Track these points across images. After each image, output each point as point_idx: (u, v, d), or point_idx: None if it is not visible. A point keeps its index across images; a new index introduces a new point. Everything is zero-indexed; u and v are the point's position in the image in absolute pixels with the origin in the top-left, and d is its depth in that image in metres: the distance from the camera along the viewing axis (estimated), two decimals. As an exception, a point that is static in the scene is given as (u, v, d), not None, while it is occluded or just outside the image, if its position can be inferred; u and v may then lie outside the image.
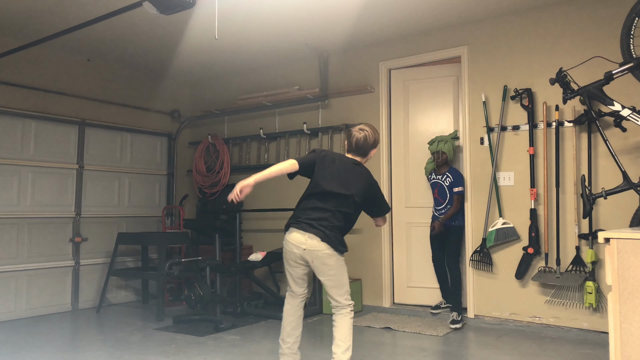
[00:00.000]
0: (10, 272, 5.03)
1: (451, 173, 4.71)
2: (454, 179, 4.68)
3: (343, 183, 2.92)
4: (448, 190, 4.69)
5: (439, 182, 4.76)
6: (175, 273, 4.85)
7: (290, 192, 5.78)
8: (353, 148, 3.04)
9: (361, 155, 3.06)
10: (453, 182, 4.68)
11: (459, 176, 4.70)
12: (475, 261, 4.65)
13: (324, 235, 2.85)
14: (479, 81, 4.79)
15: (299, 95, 5.78)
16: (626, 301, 2.17)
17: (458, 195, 4.66)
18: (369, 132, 3.01)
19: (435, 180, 4.80)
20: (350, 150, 3.06)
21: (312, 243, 2.86)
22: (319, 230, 2.86)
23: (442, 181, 4.73)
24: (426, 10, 4.54)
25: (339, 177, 2.92)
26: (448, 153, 4.69)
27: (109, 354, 3.79)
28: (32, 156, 5.26)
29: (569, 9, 4.38)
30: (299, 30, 5.01)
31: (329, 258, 2.89)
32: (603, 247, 3.94)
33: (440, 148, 4.69)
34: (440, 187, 4.75)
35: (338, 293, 2.96)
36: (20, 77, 5.21)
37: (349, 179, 2.95)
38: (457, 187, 4.66)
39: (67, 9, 4.38)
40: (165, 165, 6.62)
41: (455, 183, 4.67)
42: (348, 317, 2.94)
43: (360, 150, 3.03)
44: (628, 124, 3.75)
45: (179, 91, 6.83)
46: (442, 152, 4.69)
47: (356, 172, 3.00)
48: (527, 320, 4.43)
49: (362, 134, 3.00)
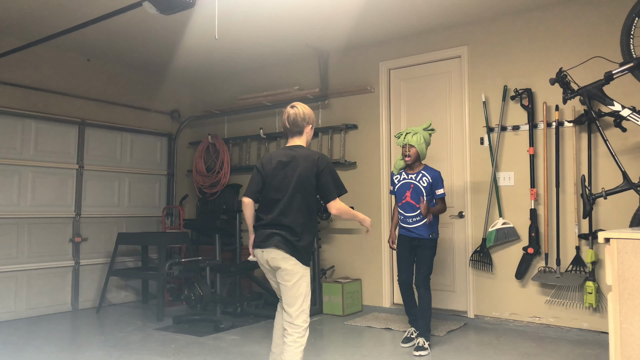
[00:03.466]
0: (10, 272, 5.03)
1: (428, 172, 3.94)
2: (434, 179, 3.91)
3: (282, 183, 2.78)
4: (426, 192, 3.88)
5: (411, 183, 3.93)
6: (175, 273, 4.85)
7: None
8: (288, 127, 2.85)
9: (298, 134, 2.85)
10: (432, 183, 3.90)
11: (439, 176, 3.95)
12: (475, 261, 4.65)
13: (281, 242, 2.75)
14: (479, 81, 4.79)
15: (299, 95, 5.78)
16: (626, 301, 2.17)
17: (442, 199, 3.94)
18: (299, 108, 2.84)
19: (407, 181, 3.96)
20: (286, 131, 2.87)
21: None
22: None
23: (417, 181, 3.91)
24: (426, 10, 4.54)
25: (280, 179, 2.78)
26: (418, 147, 3.90)
27: (108, 354, 3.79)
28: (32, 156, 5.26)
29: (569, 9, 4.38)
30: (299, 31, 5.01)
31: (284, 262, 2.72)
32: (603, 247, 3.94)
33: (408, 141, 3.91)
34: (415, 188, 3.91)
35: (290, 308, 2.71)
36: (20, 77, 5.21)
37: (287, 173, 2.77)
38: (440, 188, 3.92)
39: (67, 9, 4.38)
40: (165, 165, 6.62)
41: (436, 184, 3.91)
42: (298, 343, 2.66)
43: (295, 128, 2.83)
44: (628, 124, 3.75)
45: (179, 91, 6.83)
46: (409, 146, 3.91)
47: (292, 159, 2.78)
48: (527, 320, 4.43)
49: (293, 110, 2.83)
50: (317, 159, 2.76)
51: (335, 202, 2.76)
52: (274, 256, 2.69)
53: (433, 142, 5.04)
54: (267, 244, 2.71)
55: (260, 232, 2.77)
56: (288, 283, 2.68)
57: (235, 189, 6.30)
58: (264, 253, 2.73)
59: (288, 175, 2.74)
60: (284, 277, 2.69)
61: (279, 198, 2.73)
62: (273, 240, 2.70)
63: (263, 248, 2.73)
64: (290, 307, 2.67)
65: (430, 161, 5.05)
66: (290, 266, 2.68)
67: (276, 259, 2.69)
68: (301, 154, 2.78)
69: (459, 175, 4.89)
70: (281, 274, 2.70)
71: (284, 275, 2.69)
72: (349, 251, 5.43)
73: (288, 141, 2.89)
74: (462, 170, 4.86)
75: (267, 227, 2.75)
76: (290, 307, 2.68)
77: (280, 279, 2.71)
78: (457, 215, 4.85)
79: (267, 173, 2.79)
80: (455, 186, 4.91)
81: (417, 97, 5.19)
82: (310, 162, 2.75)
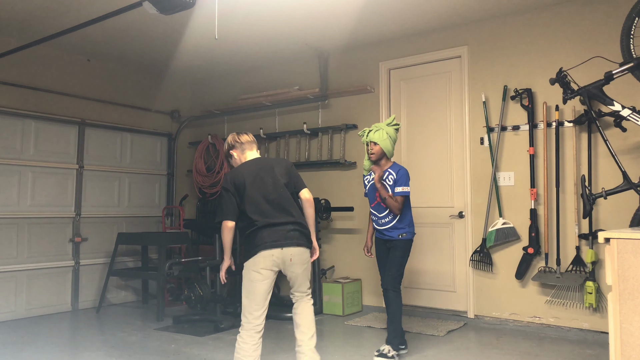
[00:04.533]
0: (10, 272, 5.03)
1: (394, 170, 3.68)
2: (399, 175, 3.64)
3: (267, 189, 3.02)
4: (392, 191, 3.66)
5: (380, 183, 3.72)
6: (175, 273, 4.85)
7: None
8: (250, 141, 3.19)
9: (256, 147, 3.23)
10: (396, 179, 3.64)
11: (404, 173, 3.67)
12: (475, 261, 4.65)
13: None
14: (479, 81, 4.79)
15: (299, 95, 5.78)
16: (626, 301, 2.17)
17: (402, 198, 3.64)
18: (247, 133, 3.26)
19: None
20: (246, 146, 3.17)
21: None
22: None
23: (384, 180, 3.69)
24: (426, 10, 4.54)
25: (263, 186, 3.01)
26: (382, 144, 3.65)
27: (108, 354, 3.79)
28: (32, 156, 5.26)
29: (569, 9, 4.38)
30: (299, 31, 5.01)
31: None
32: (603, 247, 3.94)
33: (371, 138, 3.69)
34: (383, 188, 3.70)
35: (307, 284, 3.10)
36: (20, 77, 5.21)
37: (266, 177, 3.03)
38: (401, 185, 3.62)
39: (68, 9, 4.38)
40: (165, 165, 6.62)
41: (399, 180, 3.63)
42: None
43: (254, 143, 3.22)
44: (628, 124, 3.75)
45: (179, 91, 6.83)
46: (372, 143, 3.68)
47: (269, 166, 3.09)
48: (527, 320, 4.43)
49: (242, 134, 3.20)
50: (281, 159, 3.21)
51: (307, 189, 3.13)
52: (295, 252, 2.94)
53: (433, 142, 5.06)
54: (288, 242, 2.91)
55: (272, 232, 2.90)
56: (307, 267, 3.03)
57: (235, 189, 6.29)
58: (283, 251, 2.89)
59: (274, 178, 3.00)
60: (303, 264, 2.99)
61: (275, 199, 2.95)
62: (294, 237, 2.94)
63: (283, 247, 2.90)
64: (307, 282, 3.06)
65: (430, 161, 5.05)
66: (307, 254, 3.04)
67: (297, 254, 2.95)
68: (269, 160, 3.17)
69: (459, 175, 4.89)
70: (302, 263, 2.99)
71: (302, 264, 2.98)
72: (349, 251, 5.43)
73: (245, 157, 3.15)
74: (462, 170, 4.86)
75: (275, 226, 2.91)
76: (307, 283, 3.06)
77: (299, 268, 2.97)
78: (457, 215, 4.85)
79: (246, 186, 2.95)
80: (455, 186, 4.90)
81: (417, 97, 5.19)
82: (281, 163, 3.12)
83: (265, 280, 2.86)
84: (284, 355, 3.71)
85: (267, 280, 2.87)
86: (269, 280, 2.88)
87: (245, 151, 3.15)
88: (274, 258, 2.87)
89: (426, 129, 5.14)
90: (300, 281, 3.02)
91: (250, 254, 2.90)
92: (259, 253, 2.86)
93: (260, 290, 2.86)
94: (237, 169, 3.04)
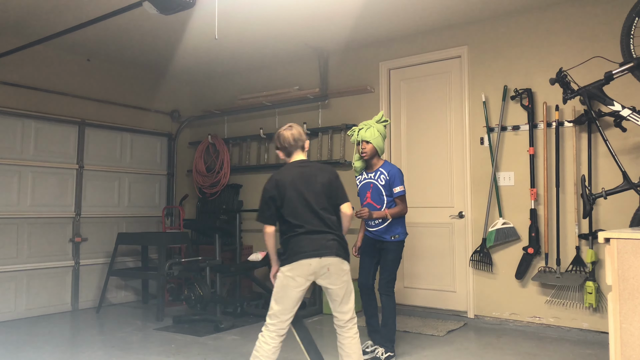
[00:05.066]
0: (10, 272, 5.03)
1: (386, 168, 3.64)
2: (391, 175, 3.59)
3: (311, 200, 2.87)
4: (385, 191, 3.62)
5: (371, 182, 3.67)
6: (175, 273, 4.85)
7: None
8: (292, 144, 2.94)
9: (301, 149, 2.98)
10: (390, 180, 3.59)
11: (396, 172, 3.62)
12: (475, 261, 4.65)
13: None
14: (479, 81, 4.79)
15: (299, 95, 5.78)
16: (626, 301, 2.17)
17: (400, 198, 3.61)
18: (295, 126, 2.99)
19: (368, 180, 3.70)
20: (290, 148, 2.95)
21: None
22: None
23: (376, 180, 3.64)
24: (426, 10, 4.54)
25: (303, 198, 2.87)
26: (374, 141, 3.60)
27: (109, 354, 3.79)
28: (32, 156, 5.26)
29: (569, 9, 4.38)
30: (299, 30, 5.01)
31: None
32: (603, 247, 3.94)
33: (362, 137, 3.63)
34: (374, 188, 3.65)
35: (350, 304, 2.92)
36: (20, 77, 5.21)
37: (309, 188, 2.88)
38: (398, 186, 3.59)
39: (67, 9, 4.38)
40: (165, 165, 6.62)
41: (394, 181, 3.59)
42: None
43: (299, 143, 2.95)
44: (628, 124, 3.75)
45: (179, 91, 6.83)
46: (365, 142, 3.63)
47: (311, 172, 2.92)
48: (527, 320, 4.43)
49: (291, 130, 2.95)
50: (327, 168, 3.00)
51: (348, 204, 2.99)
52: (332, 262, 2.81)
53: (433, 142, 5.06)
54: (327, 252, 2.80)
55: (311, 241, 2.80)
56: (348, 281, 2.87)
57: (235, 189, 6.30)
58: (321, 260, 2.78)
59: (315, 185, 2.87)
60: (343, 277, 2.86)
61: (315, 209, 2.84)
62: (332, 246, 2.82)
63: (322, 256, 2.78)
64: (350, 302, 2.88)
65: (430, 161, 5.05)
66: (347, 266, 2.88)
67: (335, 264, 2.82)
68: (314, 166, 2.98)
69: (459, 175, 4.88)
70: (341, 276, 2.85)
71: (343, 276, 2.85)
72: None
73: (291, 157, 2.98)
74: (462, 170, 4.86)
75: (315, 234, 2.81)
76: (350, 302, 2.88)
77: (339, 281, 2.84)
78: (457, 215, 4.85)
79: (287, 192, 2.83)
80: (455, 186, 4.90)
81: (417, 97, 5.19)
82: (326, 171, 2.95)
83: (298, 288, 2.78)
84: (283, 355, 3.71)
85: (300, 288, 2.78)
86: (302, 289, 2.79)
87: (292, 154, 2.97)
88: (312, 267, 2.78)
89: (426, 129, 5.14)
90: (340, 298, 2.86)
91: (287, 260, 2.80)
92: (297, 261, 2.77)
93: (292, 297, 2.79)
94: (281, 172, 2.91)
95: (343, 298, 2.87)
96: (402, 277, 5.16)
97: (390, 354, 3.57)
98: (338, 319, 2.90)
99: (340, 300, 2.87)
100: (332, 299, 2.88)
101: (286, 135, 2.94)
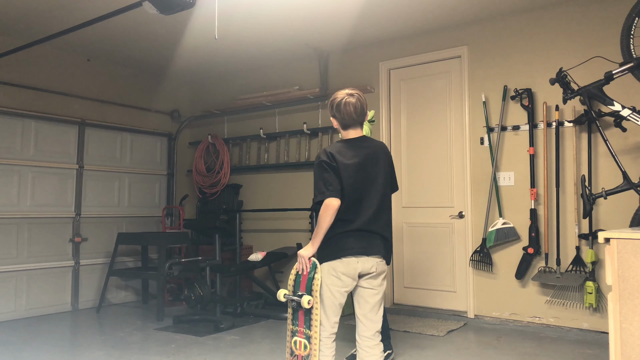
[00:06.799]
0: (10, 272, 5.03)
1: None
2: None
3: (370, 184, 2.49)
4: None
5: None
6: (175, 273, 4.85)
7: (289, 192, 5.79)
8: (354, 117, 2.49)
9: (360, 125, 2.54)
10: None
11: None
12: (476, 261, 4.65)
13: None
14: (479, 81, 4.79)
15: (299, 95, 5.78)
16: (626, 301, 2.16)
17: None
18: (358, 94, 2.52)
19: None
20: (350, 122, 2.50)
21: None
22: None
23: None
24: (426, 10, 4.54)
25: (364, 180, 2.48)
26: None
27: (109, 354, 3.79)
28: (32, 156, 5.26)
29: (569, 9, 4.38)
30: (299, 31, 5.01)
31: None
32: (603, 247, 3.94)
33: None
34: None
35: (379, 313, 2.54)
36: (20, 77, 5.21)
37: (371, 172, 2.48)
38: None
39: (67, 9, 4.38)
40: (165, 165, 6.62)
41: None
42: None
43: (361, 117, 2.52)
44: (628, 124, 3.75)
45: (179, 91, 6.83)
46: None
47: (372, 153, 2.49)
48: (527, 320, 4.43)
49: (354, 98, 2.49)
50: (386, 148, 2.57)
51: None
52: (374, 264, 2.48)
53: (433, 142, 5.06)
54: (375, 250, 2.47)
55: (360, 238, 2.44)
56: (383, 286, 2.56)
57: (235, 189, 6.30)
58: (368, 260, 2.45)
59: (373, 170, 2.46)
60: (381, 281, 2.53)
61: (367, 197, 2.44)
62: (379, 245, 2.49)
63: (369, 255, 2.44)
64: (378, 311, 2.52)
65: (430, 161, 5.05)
66: (386, 269, 2.56)
67: (378, 266, 2.50)
68: (375, 145, 2.51)
69: (459, 175, 4.88)
70: (380, 279, 2.52)
71: (381, 280, 2.53)
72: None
73: (346, 132, 2.53)
74: (462, 170, 4.86)
75: (365, 232, 2.45)
76: (378, 312, 2.51)
77: (377, 284, 2.51)
78: (457, 215, 4.85)
79: (345, 168, 2.40)
80: (455, 186, 4.90)
81: (417, 97, 5.19)
82: (386, 154, 2.53)
83: (344, 288, 2.44)
84: (283, 356, 3.71)
85: (346, 288, 2.45)
86: (348, 289, 2.46)
87: (349, 128, 2.51)
88: (358, 265, 2.43)
89: (426, 129, 5.13)
90: (371, 304, 2.49)
91: (330, 255, 2.44)
92: (342, 258, 2.41)
93: (337, 296, 2.45)
94: (340, 150, 2.46)
95: (375, 304, 2.51)
96: (402, 277, 5.17)
97: (389, 351, 3.56)
98: (364, 329, 2.50)
99: (372, 307, 2.51)
100: (361, 303, 2.51)
101: (348, 107, 2.46)
